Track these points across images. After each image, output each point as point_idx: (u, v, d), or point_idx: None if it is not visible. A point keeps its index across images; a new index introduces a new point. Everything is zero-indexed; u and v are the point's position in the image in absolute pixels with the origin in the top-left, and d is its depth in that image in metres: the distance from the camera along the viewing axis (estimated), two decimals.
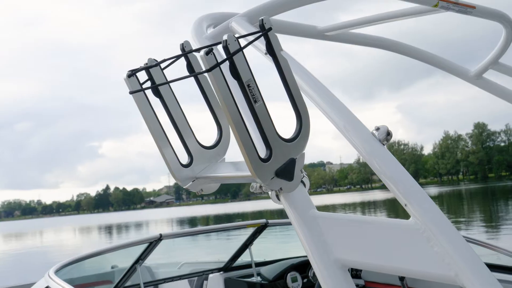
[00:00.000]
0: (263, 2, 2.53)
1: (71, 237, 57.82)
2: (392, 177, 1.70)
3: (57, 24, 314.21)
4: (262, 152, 1.66)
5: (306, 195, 1.85)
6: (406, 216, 1.69)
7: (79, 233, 66.59)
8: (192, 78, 1.91)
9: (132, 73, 1.83)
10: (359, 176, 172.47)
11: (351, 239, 1.72)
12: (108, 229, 66.31)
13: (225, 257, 5.95)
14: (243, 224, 5.86)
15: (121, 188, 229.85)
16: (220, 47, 1.82)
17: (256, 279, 5.54)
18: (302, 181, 1.83)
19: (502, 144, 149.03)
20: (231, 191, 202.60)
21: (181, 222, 67.25)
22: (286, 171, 1.69)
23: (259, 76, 1.78)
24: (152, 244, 5.00)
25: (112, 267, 5.61)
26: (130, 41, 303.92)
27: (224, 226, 6.70)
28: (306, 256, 5.67)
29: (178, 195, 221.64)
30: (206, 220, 66.34)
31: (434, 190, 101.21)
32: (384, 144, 1.78)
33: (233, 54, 1.59)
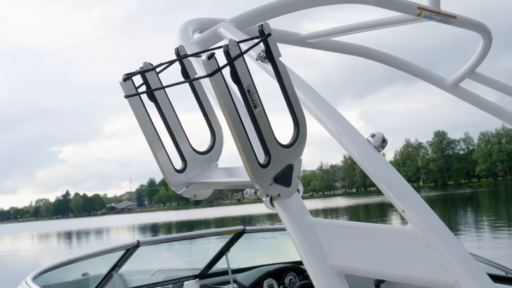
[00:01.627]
0: (250, 9, 2.54)
1: (28, 244, 56.60)
2: (389, 183, 1.71)
3: (18, 28, 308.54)
4: (260, 158, 1.66)
5: (301, 201, 1.85)
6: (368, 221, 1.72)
7: (38, 240, 65.28)
8: (185, 82, 1.90)
9: (128, 77, 1.81)
10: (321, 183, 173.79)
11: (347, 245, 1.72)
12: (68, 236, 65.15)
13: (194, 264, 5.91)
14: (220, 231, 5.83)
15: (81, 194, 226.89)
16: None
17: (232, 286, 5.51)
18: None
19: (461, 152, 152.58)
20: None
21: (143, 228, 66.54)
22: (285, 177, 1.69)
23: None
24: (129, 251, 4.94)
25: (83, 275, 5.51)
26: (92, 45, 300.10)
27: (201, 233, 6.67)
28: (283, 263, 5.75)
29: (140, 201, 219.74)
30: (168, 226, 65.79)
31: None
32: (379, 151, 1.80)
33: (234, 59, 1.58)
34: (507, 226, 29.18)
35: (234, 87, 1.66)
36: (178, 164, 1.93)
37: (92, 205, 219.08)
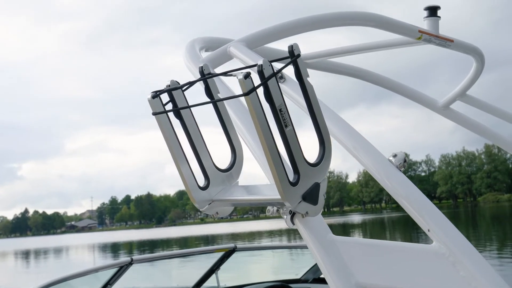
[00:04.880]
0: (260, 29, 2.58)
1: None
2: (413, 202, 1.74)
3: None
4: (290, 176, 1.68)
5: (322, 219, 1.86)
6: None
7: None
8: (211, 102, 1.92)
9: (156, 95, 1.82)
10: None
11: (372, 263, 1.74)
12: (26, 255, 63.73)
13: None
14: (211, 249, 5.81)
15: (40, 211, 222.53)
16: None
17: None
18: None
19: (423, 174, 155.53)
20: (156, 216, 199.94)
21: (104, 248, 65.62)
22: (312, 195, 1.71)
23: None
24: (123, 268, 4.87)
25: None
26: (55, 61, 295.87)
27: (193, 251, 6.63)
28: (272, 282, 5.73)
29: (101, 219, 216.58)
30: (129, 246, 64.97)
31: (358, 217, 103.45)
32: (401, 170, 1.84)
33: (268, 78, 1.60)
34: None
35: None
36: (200, 181, 1.94)
37: (52, 223, 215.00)
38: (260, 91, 1.62)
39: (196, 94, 1.99)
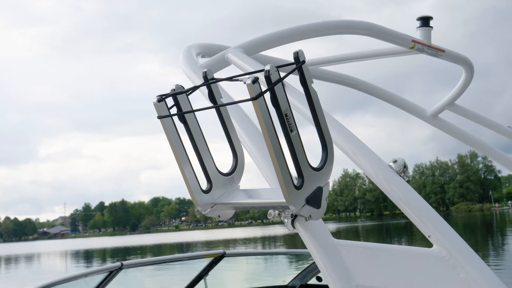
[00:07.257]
0: (258, 36, 2.61)
1: None
2: (415, 207, 1.79)
3: None
4: (293, 179, 1.71)
5: (322, 223, 1.89)
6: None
7: None
8: (216, 107, 1.94)
9: (162, 99, 1.84)
10: (260, 211, 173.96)
11: (373, 266, 1.78)
12: None
13: None
14: (200, 255, 5.79)
15: (12, 217, 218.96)
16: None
17: None
18: None
19: None
20: (130, 223, 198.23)
21: (76, 255, 64.82)
22: (315, 199, 1.74)
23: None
24: (112, 273, 4.84)
25: None
26: (28, 64, 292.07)
27: (182, 256, 6.60)
28: None
29: (74, 226, 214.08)
30: (103, 253, 64.27)
31: (332, 226, 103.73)
32: (401, 176, 1.88)
33: (275, 84, 1.63)
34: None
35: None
36: (203, 185, 1.95)
37: (23, 230, 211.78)
38: (264, 95, 1.65)
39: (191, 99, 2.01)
